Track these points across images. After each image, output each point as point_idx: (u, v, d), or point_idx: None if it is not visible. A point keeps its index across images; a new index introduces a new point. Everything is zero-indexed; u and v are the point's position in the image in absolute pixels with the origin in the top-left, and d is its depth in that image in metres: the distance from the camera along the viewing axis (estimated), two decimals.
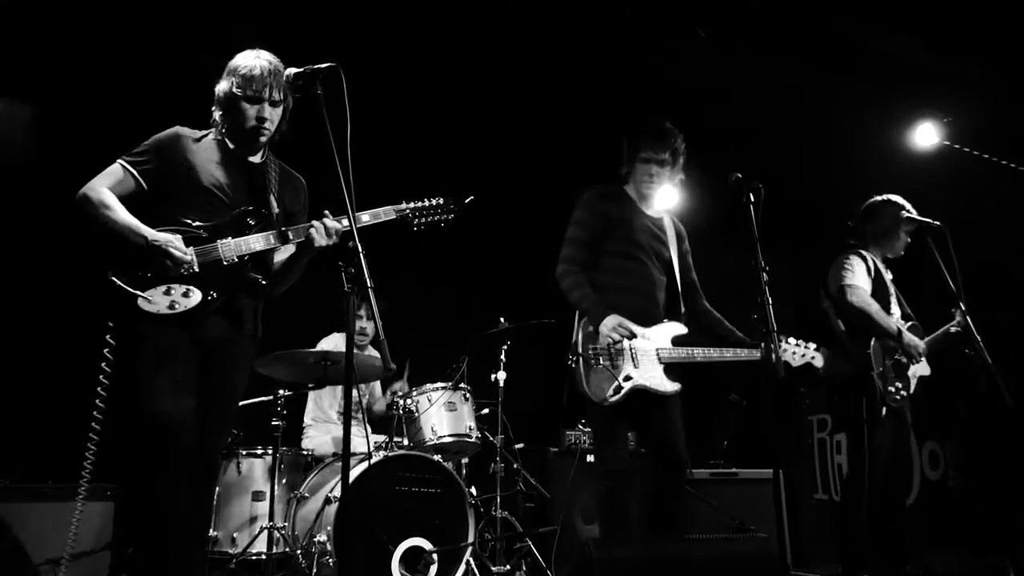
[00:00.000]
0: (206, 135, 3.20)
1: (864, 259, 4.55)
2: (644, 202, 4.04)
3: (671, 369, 3.84)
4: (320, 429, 5.38)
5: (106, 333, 2.92)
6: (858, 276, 4.46)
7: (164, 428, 2.82)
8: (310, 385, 4.93)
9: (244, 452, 4.64)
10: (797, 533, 5.75)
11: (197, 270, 2.98)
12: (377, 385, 5.66)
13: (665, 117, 4.01)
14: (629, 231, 3.92)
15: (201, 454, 2.94)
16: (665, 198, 4.59)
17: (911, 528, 5.24)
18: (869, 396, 4.32)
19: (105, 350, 2.91)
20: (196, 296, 2.97)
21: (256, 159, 3.23)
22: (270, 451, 4.59)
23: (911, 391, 4.47)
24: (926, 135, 6.08)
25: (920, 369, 4.53)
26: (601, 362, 3.74)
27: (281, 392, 4.70)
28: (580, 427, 5.58)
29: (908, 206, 4.65)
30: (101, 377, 2.85)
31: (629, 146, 4.02)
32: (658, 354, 3.81)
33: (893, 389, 4.37)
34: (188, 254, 2.96)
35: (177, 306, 2.94)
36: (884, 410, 4.33)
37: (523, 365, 5.32)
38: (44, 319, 5.10)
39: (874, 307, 4.39)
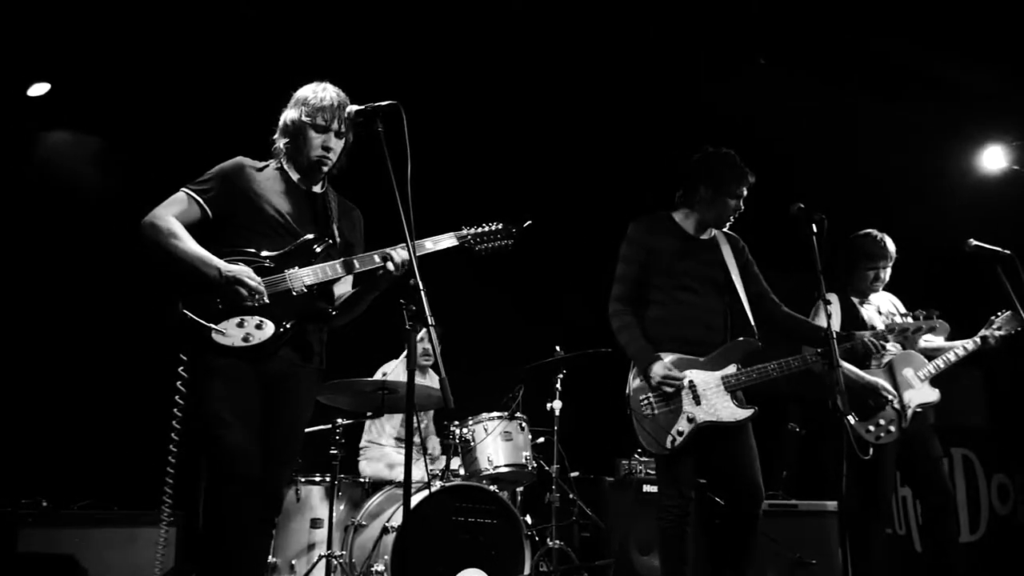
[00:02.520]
0: (268, 165, 3.23)
1: (838, 298, 4.42)
2: (698, 227, 3.96)
3: (740, 394, 3.75)
4: (375, 455, 5.42)
5: (178, 365, 2.94)
6: (820, 322, 4.32)
7: (235, 461, 2.84)
8: (368, 414, 4.96)
9: (303, 479, 4.68)
10: (862, 569, 5.60)
11: (268, 301, 2.98)
12: (431, 418, 5.68)
13: (732, 149, 3.94)
14: (676, 261, 3.85)
15: (266, 486, 2.95)
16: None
17: (978, 565, 5.09)
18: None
19: (178, 382, 2.94)
20: (269, 328, 2.98)
21: (318, 189, 3.26)
22: (328, 478, 4.63)
23: (904, 423, 4.30)
24: (994, 159, 5.94)
25: (918, 396, 4.36)
26: (656, 411, 3.69)
27: (340, 420, 4.74)
28: (636, 456, 5.52)
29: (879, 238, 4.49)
30: (175, 410, 2.89)
31: (712, 178, 3.87)
32: (724, 382, 3.72)
33: (872, 429, 4.26)
34: (261, 285, 2.96)
35: (251, 338, 2.95)
36: (871, 450, 4.19)
37: (579, 394, 5.30)
38: (112, 348, 5.24)
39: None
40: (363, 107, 3.07)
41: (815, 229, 3.63)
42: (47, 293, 5.34)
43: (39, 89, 5.47)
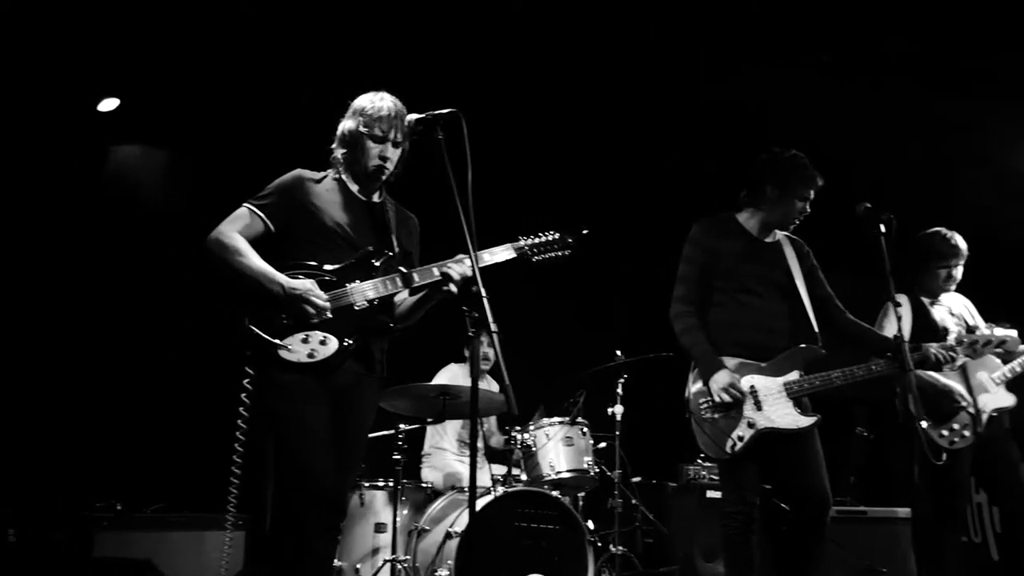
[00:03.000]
0: (326, 176, 3.22)
1: (908, 300, 4.31)
2: (762, 229, 3.89)
3: (804, 400, 3.68)
4: (437, 461, 5.45)
5: (244, 378, 2.98)
6: (890, 325, 4.17)
7: (308, 479, 2.87)
8: (429, 420, 5.00)
9: (366, 484, 4.74)
10: None
11: (331, 316, 3.00)
12: (494, 419, 5.70)
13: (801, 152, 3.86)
14: (740, 263, 3.78)
15: (333, 494, 2.97)
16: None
17: None
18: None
19: (243, 395, 2.98)
20: (333, 343, 2.99)
21: (376, 198, 3.27)
22: (391, 483, 4.67)
23: (979, 428, 4.17)
24: None
25: (993, 400, 4.22)
26: (716, 415, 3.62)
27: (402, 427, 4.78)
28: (700, 461, 5.47)
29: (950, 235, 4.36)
30: (240, 421, 2.94)
31: (779, 179, 3.80)
32: (786, 389, 3.64)
33: (946, 433, 4.13)
34: (326, 302, 2.98)
35: (316, 354, 2.96)
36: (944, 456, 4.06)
37: (640, 398, 5.28)
38: (179, 361, 5.38)
39: None
40: (423, 116, 3.06)
41: (883, 229, 3.55)
42: (120, 303, 5.51)
43: (109, 104, 5.64)
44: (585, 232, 3.32)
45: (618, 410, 5.09)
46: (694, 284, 3.79)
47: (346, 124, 3.18)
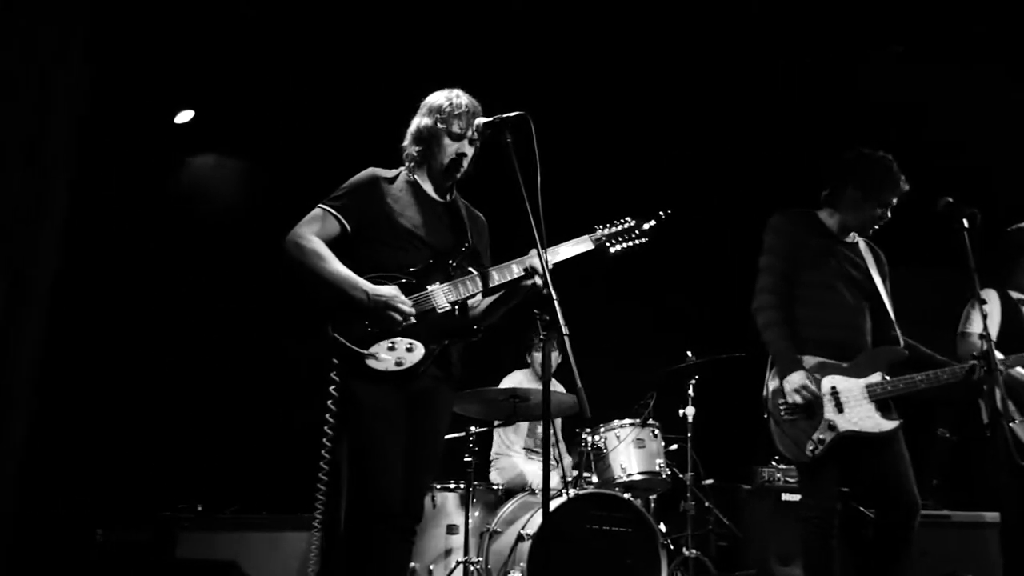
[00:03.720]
0: (398, 174, 3.20)
1: (997, 296, 4.14)
2: (841, 229, 3.81)
3: (887, 402, 3.58)
4: (506, 463, 5.48)
5: (328, 385, 2.94)
6: (974, 323, 4.03)
7: (384, 499, 2.88)
8: (497, 422, 5.02)
9: (438, 486, 4.78)
10: None
11: (415, 322, 2.96)
12: (559, 424, 5.70)
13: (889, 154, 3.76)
14: (825, 258, 3.70)
15: (408, 501, 2.97)
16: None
17: None
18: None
19: (328, 401, 2.96)
20: (420, 350, 2.95)
21: (448, 198, 3.24)
22: (462, 485, 4.71)
23: None
24: None
25: None
26: (795, 417, 3.54)
27: (472, 429, 4.82)
28: (775, 464, 5.38)
29: None
30: (325, 427, 2.93)
31: (863, 181, 3.71)
32: (868, 391, 3.55)
33: None
34: (412, 307, 2.94)
35: (404, 362, 2.92)
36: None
37: (712, 399, 5.23)
38: (259, 364, 5.50)
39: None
40: (491, 119, 3.04)
41: (966, 224, 3.45)
42: (201, 309, 5.67)
43: (184, 116, 5.82)
44: (663, 215, 3.28)
45: (689, 411, 5.06)
46: (779, 275, 3.69)
47: (422, 120, 3.16)
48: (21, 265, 3.31)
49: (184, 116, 5.82)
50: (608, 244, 3.19)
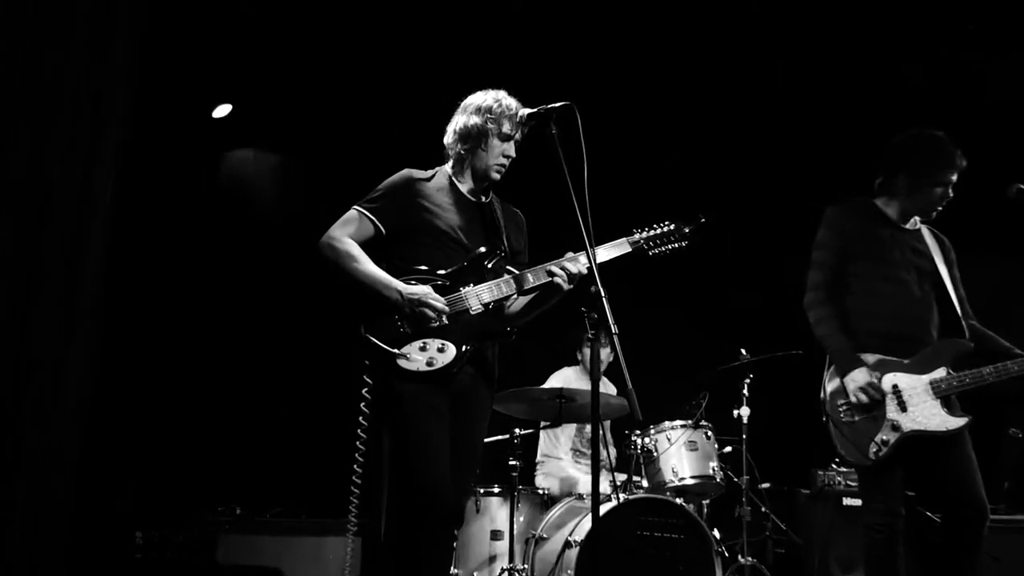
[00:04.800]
0: (435, 174, 3.25)
1: None
2: (901, 216, 3.71)
3: (952, 399, 3.48)
4: (552, 467, 5.42)
5: (362, 386, 3.01)
6: None
7: (435, 494, 2.89)
8: (544, 424, 4.97)
9: (481, 490, 4.74)
10: None
11: (448, 322, 3.01)
12: (608, 426, 5.63)
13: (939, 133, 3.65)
14: (883, 249, 3.62)
15: (450, 503, 2.98)
16: None
17: None
18: None
19: (362, 404, 3.02)
20: (451, 351, 3.01)
21: (485, 198, 3.28)
22: (507, 489, 4.66)
23: None
24: None
25: None
26: (855, 418, 3.46)
27: (517, 431, 4.77)
28: (835, 466, 5.26)
29: None
30: (359, 431, 2.98)
31: (916, 163, 3.63)
32: (932, 388, 3.44)
33: None
34: (445, 305, 3.00)
35: (435, 362, 2.98)
36: None
37: (768, 399, 5.15)
38: (296, 367, 5.53)
39: None
40: (535, 110, 3.05)
41: None
42: (240, 308, 5.71)
43: (222, 110, 5.86)
44: (703, 220, 3.23)
45: (744, 412, 4.95)
46: (831, 270, 3.64)
47: (470, 119, 3.17)
48: (70, 262, 3.36)
49: (222, 110, 5.86)
50: (647, 248, 3.19)
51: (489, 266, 3.12)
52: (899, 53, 5.44)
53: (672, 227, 3.21)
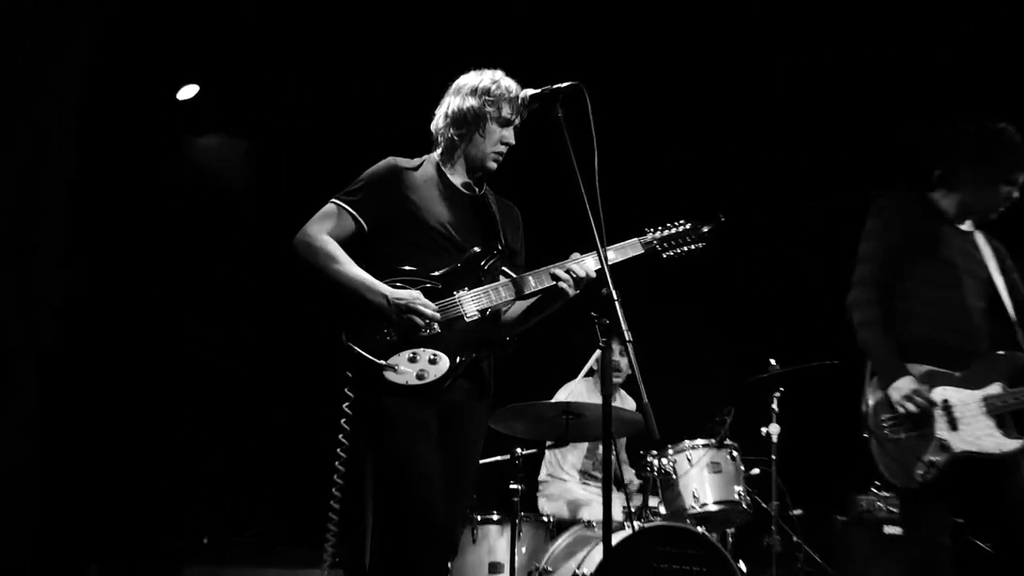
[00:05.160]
0: (422, 162, 3.22)
1: None
2: (959, 214, 3.70)
3: (1007, 418, 3.46)
4: (557, 490, 5.42)
5: (343, 401, 2.98)
6: None
7: (426, 517, 2.87)
8: (549, 443, 4.97)
9: (479, 518, 4.72)
10: None
11: (439, 329, 2.98)
12: (623, 444, 5.63)
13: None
14: (937, 248, 3.62)
15: (444, 531, 2.97)
16: None
17: None
18: None
19: (343, 420, 2.99)
20: (444, 362, 2.97)
21: (478, 190, 3.25)
22: (507, 517, 4.65)
23: None
24: None
25: None
26: (901, 435, 3.45)
27: (519, 451, 4.75)
28: (875, 490, 5.28)
29: None
30: (339, 450, 2.96)
31: (982, 158, 3.62)
32: (986, 404, 3.44)
33: None
34: (436, 312, 2.97)
35: (426, 375, 2.94)
36: None
37: (800, 416, 5.17)
38: (270, 378, 5.54)
39: None
40: (539, 91, 3.05)
41: None
42: (207, 311, 5.73)
43: (188, 92, 5.86)
44: (722, 219, 3.21)
45: (774, 430, 4.99)
46: (880, 265, 3.63)
47: (465, 102, 3.14)
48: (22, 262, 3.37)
49: (188, 92, 5.86)
50: (660, 248, 3.19)
51: (485, 267, 3.10)
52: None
53: (688, 226, 3.19)
